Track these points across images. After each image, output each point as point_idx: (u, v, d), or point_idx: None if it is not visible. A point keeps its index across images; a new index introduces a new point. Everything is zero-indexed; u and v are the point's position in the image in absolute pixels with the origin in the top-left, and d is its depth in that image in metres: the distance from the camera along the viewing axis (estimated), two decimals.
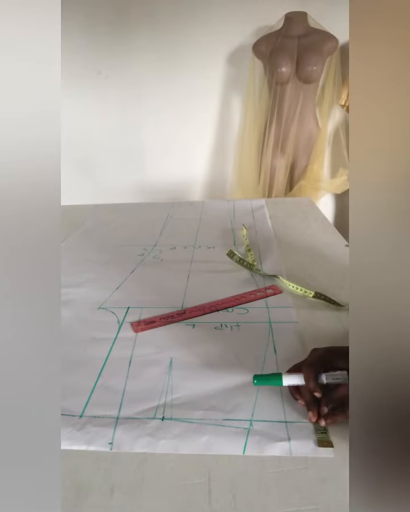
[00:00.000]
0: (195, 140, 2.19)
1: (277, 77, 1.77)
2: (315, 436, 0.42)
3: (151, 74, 2.04)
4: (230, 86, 2.05)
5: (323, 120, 1.92)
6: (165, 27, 1.94)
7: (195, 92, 2.07)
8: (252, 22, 1.91)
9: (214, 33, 1.93)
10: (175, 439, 0.43)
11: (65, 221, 1.12)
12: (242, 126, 2.03)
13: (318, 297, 0.68)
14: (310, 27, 1.78)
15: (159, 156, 2.25)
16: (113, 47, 2.00)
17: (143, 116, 2.15)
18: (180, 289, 0.74)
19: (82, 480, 0.39)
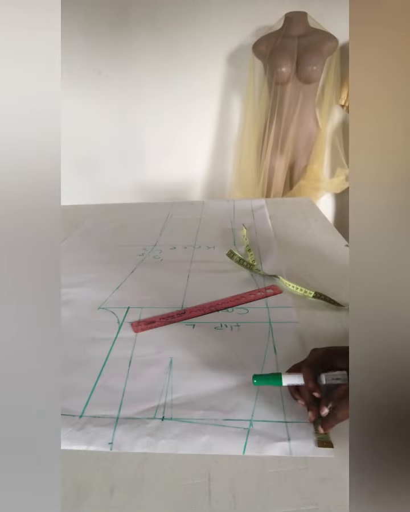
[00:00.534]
0: (195, 140, 2.19)
1: (277, 77, 1.77)
2: (315, 436, 0.42)
3: (151, 74, 2.04)
4: (230, 86, 2.05)
5: (323, 120, 1.92)
6: (166, 27, 1.94)
7: (195, 92, 2.07)
8: (252, 22, 1.91)
9: (215, 33, 1.93)
10: (175, 439, 0.43)
11: (65, 221, 1.12)
12: (242, 126, 2.03)
13: (318, 297, 0.68)
14: (310, 27, 1.78)
15: (159, 156, 2.25)
16: (113, 47, 2.00)
17: (143, 116, 2.15)
18: (180, 289, 0.74)
19: (82, 480, 0.39)
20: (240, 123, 2.07)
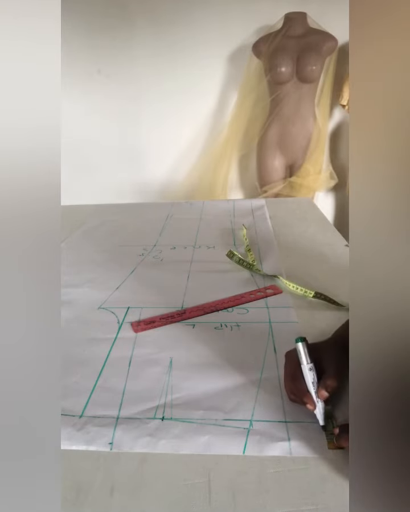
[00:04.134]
0: (194, 140, 2.19)
1: (277, 77, 1.77)
2: (326, 438, 0.42)
3: (151, 73, 2.05)
4: (230, 86, 2.05)
5: (322, 120, 1.92)
6: (166, 26, 1.94)
7: (195, 92, 2.07)
8: (252, 22, 1.91)
9: (215, 33, 1.93)
10: (175, 439, 0.43)
11: (65, 221, 1.12)
12: (242, 126, 2.03)
13: (318, 297, 0.68)
14: (310, 27, 1.78)
15: (159, 156, 2.25)
16: (112, 46, 2.00)
17: (143, 116, 2.15)
18: (180, 289, 0.74)
19: (82, 480, 0.39)
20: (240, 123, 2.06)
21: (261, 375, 0.51)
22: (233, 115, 2.04)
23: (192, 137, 2.19)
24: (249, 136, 2.00)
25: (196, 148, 2.22)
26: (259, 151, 1.98)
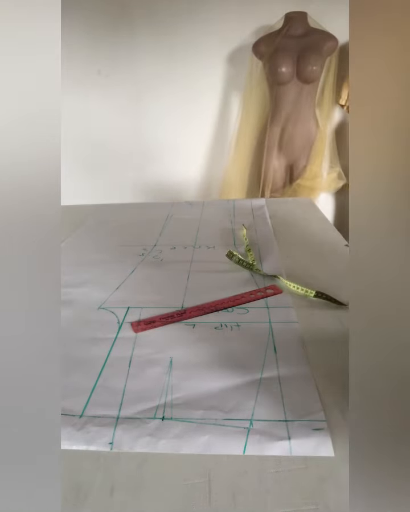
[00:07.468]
0: (194, 140, 2.20)
1: (277, 77, 1.77)
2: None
3: (151, 74, 2.05)
4: (230, 86, 2.05)
5: (322, 120, 1.92)
6: (166, 26, 1.94)
7: (195, 92, 2.08)
8: (252, 22, 1.91)
9: (214, 33, 1.93)
10: (175, 439, 0.43)
11: (65, 221, 1.12)
12: (242, 126, 2.04)
13: (320, 297, 0.68)
14: (310, 27, 1.78)
15: (159, 156, 2.25)
16: (112, 46, 2.00)
17: (143, 116, 2.15)
18: (180, 289, 0.74)
19: (82, 480, 0.39)
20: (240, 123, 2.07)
21: (261, 375, 0.51)
22: (235, 115, 2.04)
23: (192, 137, 2.19)
24: (250, 136, 2.00)
25: (196, 148, 2.22)
26: (260, 151, 1.98)
